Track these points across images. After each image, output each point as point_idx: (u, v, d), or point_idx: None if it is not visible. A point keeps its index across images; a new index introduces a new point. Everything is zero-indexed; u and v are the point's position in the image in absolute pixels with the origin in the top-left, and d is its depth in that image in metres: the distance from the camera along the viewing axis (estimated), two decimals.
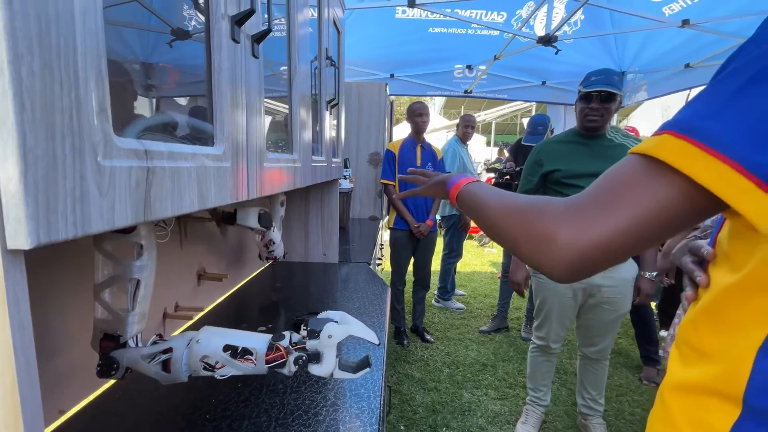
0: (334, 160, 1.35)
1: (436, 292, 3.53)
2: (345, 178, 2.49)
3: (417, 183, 0.76)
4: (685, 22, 2.08)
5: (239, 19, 0.50)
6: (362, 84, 2.77)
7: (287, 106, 0.82)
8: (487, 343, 2.81)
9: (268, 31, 0.57)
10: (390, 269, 2.76)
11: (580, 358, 1.90)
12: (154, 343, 0.60)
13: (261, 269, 1.45)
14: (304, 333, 0.82)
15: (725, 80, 0.32)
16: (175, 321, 0.89)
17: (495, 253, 5.59)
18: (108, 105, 0.29)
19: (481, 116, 8.56)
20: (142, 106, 0.41)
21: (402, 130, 8.32)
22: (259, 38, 0.57)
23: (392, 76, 3.49)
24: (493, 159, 8.26)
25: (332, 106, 1.22)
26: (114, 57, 0.36)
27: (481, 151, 11.19)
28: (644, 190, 0.33)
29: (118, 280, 0.56)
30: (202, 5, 0.47)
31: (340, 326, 0.61)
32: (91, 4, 0.27)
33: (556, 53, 2.24)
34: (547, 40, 2.02)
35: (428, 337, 2.81)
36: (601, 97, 1.52)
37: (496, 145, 11.88)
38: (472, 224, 5.19)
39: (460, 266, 4.42)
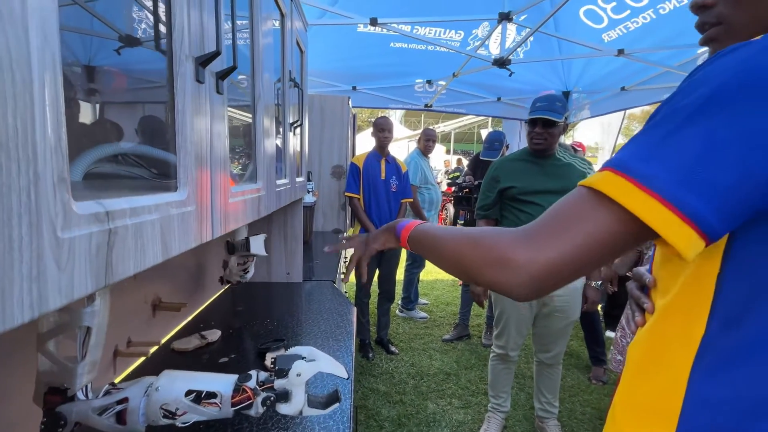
0: (297, 179, 1.34)
1: (399, 302, 3.57)
2: (308, 191, 2.47)
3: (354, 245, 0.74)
4: (620, 52, 2.31)
5: (204, 61, 0.49)
6: (325, 97, 2.76)
7: (250, 134, 0.80)
8: (450, 352, 2.87)
9: (234, 68, 0.57)
10: (355, 281, 2.76)
11: (536, 363, 2.00)
12: (107, 393, 0.56)
13: (220, 292, 1.39)
14: (271, 360, 0.80)
15: (657, 126, 0.37)
16: (128, 358, 0.84)
17: None
18: (67, 172, 0.28)
19: (441, 127, 8.83)
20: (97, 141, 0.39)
21: (365, 139, 8.37)
22: (223, 75, 0.56)
23: (354, 88, 3.52)
24: (453, 168, 8.53)
25: (295, 127, 1.21)
26: (72, 113, 0.34)
27: (442, 159, 11.52)
28: (590, 217, 0.38)
29: (66, 328, 0.52)
30: (164, 47, 0.45)
31: (309, 363, 0.61)
32: (50, 74, 0.26)
33: (510, 75, 2.38)
34: (501, 63, 2.14)
35: (393, 348, 2.83)
36: (544, 123, 1.63)
37: (455, 153, 12.29)
38: None
39: (423, 274, 4.49)
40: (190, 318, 1.16)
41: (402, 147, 9.94)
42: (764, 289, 0.37)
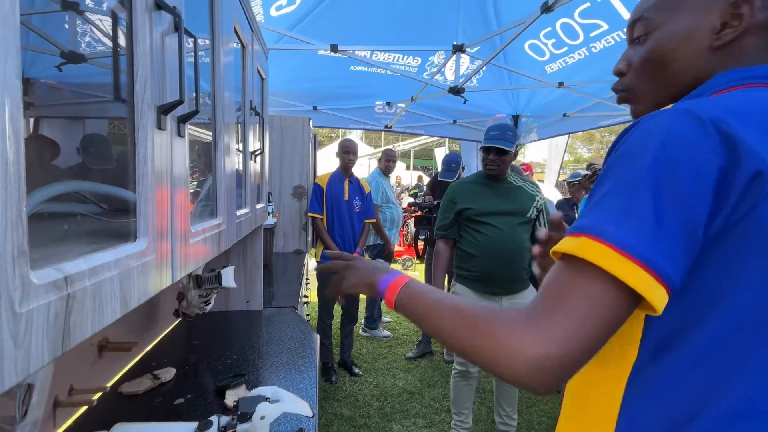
0: (258, 206, 1.32)
1: (362, 321, 3.55)
2: (268, 213, 2.42)
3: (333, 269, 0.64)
4: (560, 84, 2.55)
5: (166, 109, 0.49)
6: (285, 117, 2.76)
7: (210, 168, 0.80)
8: (413, 370, 2.89)
9: (196, 112, 0.57)
10: (318, 303, 2.72)
11: (495, 378, 2.08)
12: None
13: (173, 325, 1.32)
14: (233, 402, 0.78)
15: (615, 195, 0.39)
16: (70, 408, 0.77)
17: (418, 275, 5.83)
18: (26, 244, 0.28)
19: (401, 146, 9.07)
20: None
21: (326, 155, 8.35)
22: (185, 119, 0.56)
23: (315, 108, 3.54)
24: (413, 185, 8.74)
25: (256, 155, 1.21)
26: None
27: (402, 175, 11.75)
28: (587, 292, 0.37)
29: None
30: (126, 96, 0.45)
31: (273, 405, 0.60)
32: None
33: (464, 102, 2.52)
34: (456, 91, 2.27)
35: (356, 370, 2.80)
36: (497, 151, 1.76)
37: (415, 169, 12.58)
38: (396, 248, 5.38)
39: None
40: (140, 356, 1.09)
41: (363, 164, 10.02)
42: (691, 316, 0.41)
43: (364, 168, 10.34)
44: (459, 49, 2.23)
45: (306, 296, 2.53)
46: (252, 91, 1.15)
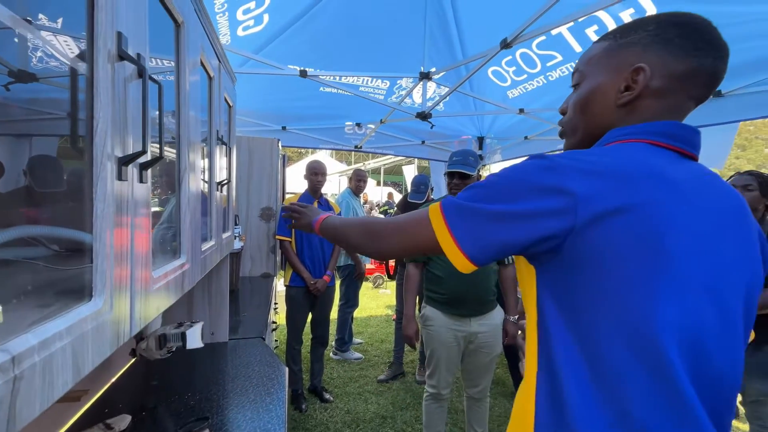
0: (224, 235, 1.29)
1: (333, 343, 3.48)
2: (235, 237, 2.35)
3: (292, 218, 0.98)
4: (521, 111, 2.70)
5: (127, 160, 0.48)
6: (253, 139, 2.72)
7: (173, 206, 0.77)
8: (385, 393, 2.85)
9: (160, 158, 0.56)
10: (285, 324, 2.64)
11: (466, 398, 2.09)
12: None
13: (129, 364, 1.24)
14: None
15: (479, 199, 0.54)
16: None
17: (389, 294, 5.82)
18: None
19: (371, 163, 9.15)
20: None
21: (295, 172, 8.26)
22: (148, 165, 0.55)
23: (284, 128, 3.51)
24: (383, 202, 8.80)
25: (223, 186, 1.18)
26: None
27: (372, 192, 11.82)
28: (418, 226, 0.60)
29: None
30: (82, 146, 0.44)
31: None
32: None
33: (432, 128, 2.61)
34: (424, 116, 2.34)
35: (327, 396, 2.73)
36: (460, 175, 1.83)
37: (386, 185, 12.68)
38: (368, 266, 5.37)
39: (356, 312, 4.46)
40: (91, 402, 1.01)
41: (333, 181, 10.00)
42: (553, 333, 0.52)
43: (334, 185, 10.31)
44: (426, 77, 2.31)
45: (275, 322, 2.45)
46: (219, 121, 1.14)
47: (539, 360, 0.54)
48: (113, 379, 1.15)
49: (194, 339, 0.86)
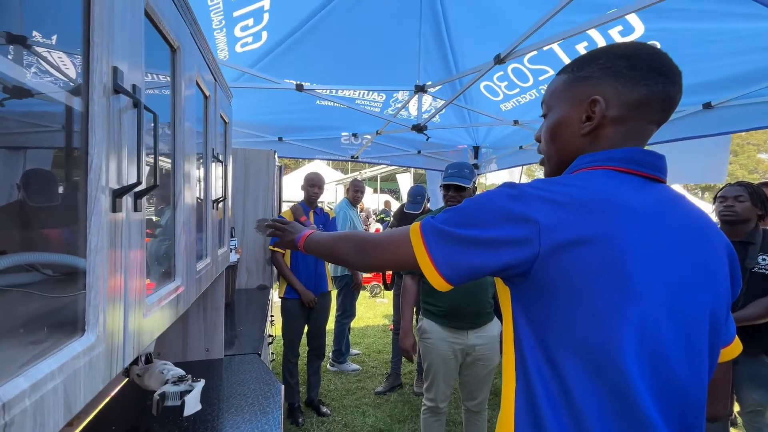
0: (220, 251, 1.29)
1: (330, 355, 3.45)
2: (231, 250, 2.34)
3: (276, 234, 0.98)
4: (516, 122, 2.73)
5: (121, 192, 0.48)
6: (249, 150, 2.73)
7: (169, 228, 0.77)
8: (383, 405, 2.83)
9: (155, 186, 0.56)
10: (282, 341, 2.62)
11: (464, 411, 2.08)
12: None
13: (122, 384, 1.22)
14: None
15: (458, 225, 0.56)
16: None
17: (387, 303, 5.79)
18: None
19: (367, 172, 9.20)
20: None
21: (292, 180, 8.27)
22: (142, 194, 0.55)
23: (281, 139, 3.53)
24: (380, 210, 8.82)
25: (219, 203, 1.18)
26: None
27: (369, 199, 11.83)
28: (399, 244, 0.62)
29: None
30: (76, 180, 0.44)
31: None
32: None
33: (427, 140, 2.63)
34: (419, 129, 2.36)
35: (324, 409, 2.70)
36: (455, 188, 1.84)
37: (383, 192, 12.70)
38: (365, 275, 5.35)
39: (354, 322, 4.43)
40: (82, 425, 1.00)
41: (330, 190, 10.01)
42: (527, 352, 0.54)
43: (330, 194, 10.32)
44: (421, 89, 2.34)
45: (271, 335, 2.43)
46: (215, 139, 1.14)
47: (517, 378, 0.56)
48: (106, 400, 1.13)
49: (193, 404, 0.86)
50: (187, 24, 0.81)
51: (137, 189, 0.54)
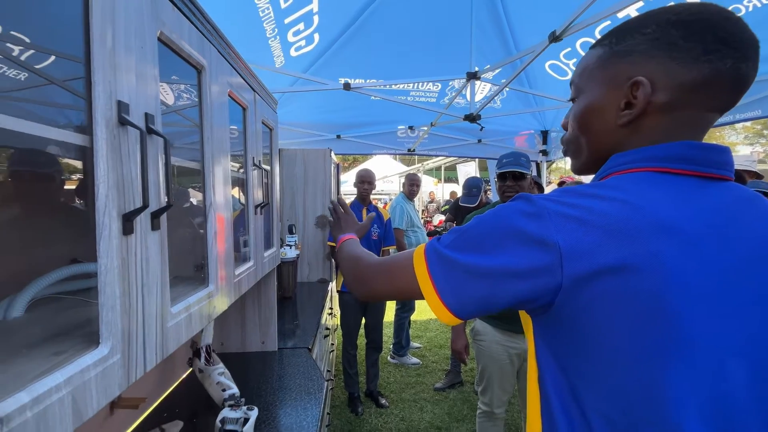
0: (266, 253, 1.36)
1: (391, 347, 3.51)
2: (290, 246, 2.49)
3: (332, 223, 0.96)
4: None
5: (130, 215, 0.52)
6: (307, 151, 2.85)
7: (203, 238, 0.83)
8: (441, 402, 2.80)
9: (169, 206, 0.60)
10: (341, 333, 2.73)
11: (523, 419, 1.95)
12: None
13: (187, 373, 1.37)
14: None
15: (463, 249, 0.49)
16: None
17: None
18: None
19: (429, 164, 9.08)
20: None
21: (350, 177, 8.52)
22: (159, 213, 0.59)
23: (339, 136, 3.63)
24: (444, 202, 8.66)
25: (262, 208, 1.25)
26: None
27: (435, 190, 11.68)
28: (402, 270, 0.55)
29: None
30: (80, 206, 0.49)
31: None
32: None
33: (481, 130, 2.48)
34: (472, 118, 2.23)
35: (383, 401, 2.76)
36: (514, 176, 1.70)
37: (449, 181, 12.42)
38: None
39: (416, 315, 4.44)
40: (152, 407, 1.15)
41: (395, 182, 10.08)
42: (551, 392, 0.47)
43: (395, 185, 10.40)
44: (473, 77, 2.20)
45: (327, 328, 2.54)
46: (255, 146, 1.20)
47: (543, 420, 0.49)
48: (174, 385, 1.28)
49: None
50: (213, 43, 0.85)
51: (152, 210, 0.58)
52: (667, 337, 0.40)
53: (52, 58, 0.49)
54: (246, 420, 0.97)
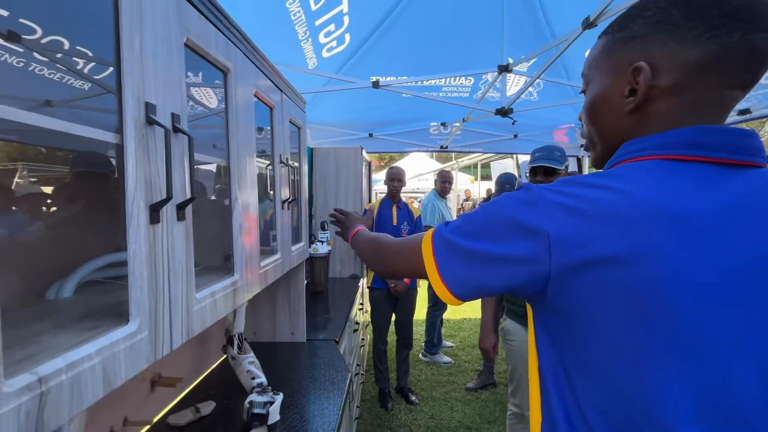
0: (295, 247, 1.42)
1: (423, 345, 3.50)
2: (322, 242, 2.56)
3: (337, 225, 1.02)
4: None
5: (156, 206, 0.57)
6: (339, 149, 2.91)
7: (229, 228, 0.89)
8: (472, 403, 2.75)
9: (192, 199, 0.65)
10: (372, 328, 2.76)
11: None
12: None
13: (222, 359, 1.46)
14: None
15: (468, 236, 0.51)
16: None
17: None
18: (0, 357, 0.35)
19: (464, 161, 8.90)
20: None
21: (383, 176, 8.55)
22: (183, 205, 0.65)
23: (371, 135, 3.66)
24: (483, 199, 8.46)
25: (289, 203, 1.30)
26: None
27: (470, 188, 11.43)
28: (413, 252, 0.58)
29: None
30: (111, 196, 0.54)
31: None
32: None
33: (513, 124, 2.40)
34: (504, 113, 2.17)
35: (413, 398, 2.76)
36: (545, 171, 1.64)
37: (484, 179, 12.11)
38: None
39: (448, 314, 4.40)
40: (190, 388, 1.24)
41: (430, 180, 10.00)
42: (550, 383, 0.47)
43: (431, 183, 10.30)
44: (505, 69, 2.14)
45: (357, 323, 2.59)
46: (282, 145, 1.26)
47: (542, 410, 0.49)
48: (211, 368, 1.38)
49: (275, 414, 1.04)
50: (239, 47, 0.90)
51: (177, 202, 0.63)
52: (660, 330, 0.38)
53: (92, 64, 0.55)
54: (271, 403, 1.02)
